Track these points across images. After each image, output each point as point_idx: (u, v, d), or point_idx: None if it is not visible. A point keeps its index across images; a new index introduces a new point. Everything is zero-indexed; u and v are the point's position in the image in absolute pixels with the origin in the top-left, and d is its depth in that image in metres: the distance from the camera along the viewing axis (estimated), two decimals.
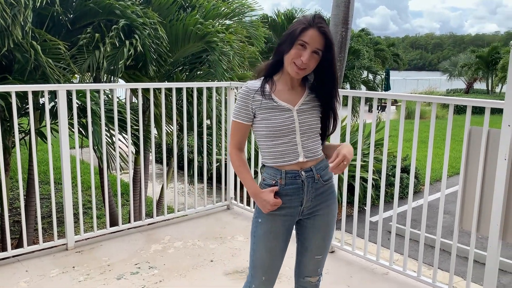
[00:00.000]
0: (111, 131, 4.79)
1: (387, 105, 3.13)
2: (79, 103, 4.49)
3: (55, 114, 4.27)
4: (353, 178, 6.28)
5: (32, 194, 4.97)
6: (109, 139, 4.79)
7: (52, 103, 4.39)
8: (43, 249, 3.36)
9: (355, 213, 3.37)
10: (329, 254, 3.44)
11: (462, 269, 5.00)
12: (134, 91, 5.06)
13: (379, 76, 17.47)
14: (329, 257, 3.39)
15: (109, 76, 4.91)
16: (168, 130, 5.68)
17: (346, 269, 3.22)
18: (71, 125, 3.56)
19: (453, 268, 2.82)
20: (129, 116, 3.62)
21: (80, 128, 4.59)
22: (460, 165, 2.67)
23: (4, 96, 3.95)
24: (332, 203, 1.94)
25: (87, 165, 8.56)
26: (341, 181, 3.82)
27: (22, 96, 4.07)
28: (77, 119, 3.40)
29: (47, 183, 8.54)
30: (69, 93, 3.75)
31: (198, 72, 5.60)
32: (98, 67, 4.43)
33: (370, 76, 16.81)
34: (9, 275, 3.00)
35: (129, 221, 3.86)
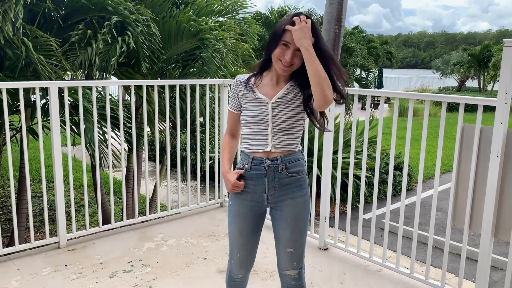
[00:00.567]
0: (103, 128, 4.76)
1: (380, 102, 3.13)
2: (71, 100, 4.45)
3: (46, 111, 4.23)
4: (346, 175, 6.32)
5: (24, 192, 4.92)
6: (101, 137, 4.76)
7: (44, 100, 4.35)
8: (35, 247, 3.33)
9: (348, 211, 3.37)
10: (323, 251, 3.45)
11: (454, 266, 5.04)
12: (127, 88, 5.04)
13: (372, 73, 17.52)
14: (323, 254, 3.40)
15: (102, 73, 4.88)
16: (161, 128, 5.66)
17: (340, 266, 3.22)
18: (63, 122, 3.53)
19: (445, 265, 2.84)
20: (121, 113, 3.60)
21: (72, 126, 4.56)
22: (452, 162, 2.68)
23: None
24: (299, 197, 1.99)
25: (79, 163, 8.51)
26: (334, 179, 3.83)
27: (13, 93, 4.03)
28: (69, 116, 3.37)
29: (38, 181, 8.47)
30: (61, 90, 3.72)
31: (191, 69, 5.57)
32: (90, 64, 4.40)
33: (363, 74, 16.85)
34: (0, 274, 2.97)
35: (122, 219, 3.84)
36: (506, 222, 2.46)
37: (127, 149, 5.35)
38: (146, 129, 3.90)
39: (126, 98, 6.53)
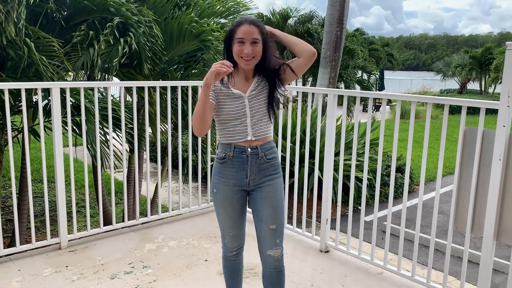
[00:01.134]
0: (105, 129, 4.76)
1: (382, 105, 3.13)
2: (72, 101, 4.46)
3: (48, 112, 4.24)
4: (347, 177, 6.30)
5: (25, 193, 4.92)
6: (102, 137, 4.76)
7: (46, 101, 4.35)
8: (36, 248, 3.33)
9: (349, 213, 3.37)
10: (324, 253, 3.45)
11: (456, 269, 5.03)
12: (129, 90, 5.03)
13: (373, 75, 17.53)
14: (324, 257, 3.40)
15: (103, 74, 4.88)
16: (162, 129, 5.66)
17: (341, 269, 3.22)
18: (65, 123, 3.53)
19: (447, 268, 2.83)
20: (123, 114, 3.60)
21: (73, 126, 4.56)
22: (453, 165, 2.68)
23: None
24: (276, 178, 2.22)
25: (80, 164, 8.51)
26: (336, 181, 3.83)
27: (15, 93, 4.04)
28: (70, 117, 3.37)
29: (39, 182, 8.48)
30: (62, 91, 3.72)
31: (193, 71, 5.57)
32: (92, 65, 4.40)
33: (365, 76, 16.86)
34: (1, 274, 2.97)
35: (123, 220, 3.84)
36: (508, 225, 2.45)
37: (128, 150, 5.36)
38: (148, 130, 3.90)
39: (127, 99, 6.53)
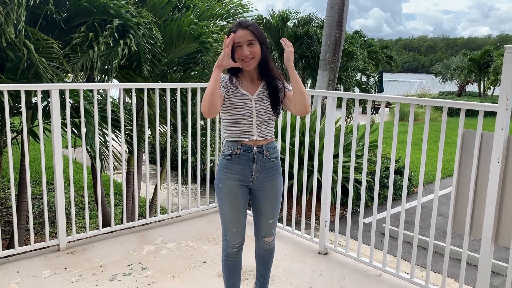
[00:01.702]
0: (104, 130, 4.76)
1: (381, 107, 3.13)
2: (72, 102, 4.46)
3: (47, 114, 4.24)
4: (346, 179, 6.32)
5: (24, 194, 4.92)
6: (101, 138, 4.76)
7: (45, 103, 4.35)
8: (35, 249, 3.33)
9: (348, 215, 3.37)
10: (323, 255, 3.45)
11: (454, 271, 5.03)
12: (128, 91, 5.04)
13: (372, 78, 17.54)
14: (323, 259, 3.40)
15: (103, 76, 4.88)
16: (161, 131, 5.66)
17: (339, 271, 3.22)
18: (64, 124, 3.53)
19: (446, 270, 2.84)
20: (122, 115, 3.60)
21: (72, 128, 4.56)
22: (452, 167, 2.69)
23: None
24: (277, 177, 2.38)
25: (79, 165, 8.51)
26: (335, 183, 3.83)
27: (14, 95, 4.03)
28: (70, 118, 3.37)
29: (38, 183, 8.47)
30: (62, 93, 3.72)
31: (192, 73, 5.58)
32: (91, 66, 4.40)
33: (364, 78, 16.88)
34: (0, 276, 2.97)
35: (121, 221, 3.84)
36: (506, 228, 2.46)
37: (127, 151, 5.36)
38: (147, 131, 3.91)
39: (126, 101, 6.53)
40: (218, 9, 5.76)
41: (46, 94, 4.03)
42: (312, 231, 3.66)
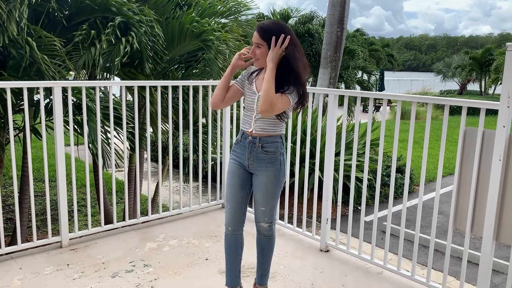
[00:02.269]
0: (106, 127, 4.77)
1: (383, 105, 3.14)
2: (74, 100, 4.46)
3: (49, 111, 4.25)
4: (347, 178, 6.32)
5: (26, 191, 4.93)
6: (103, 135, 4.77)
7: (47, 100, 4.36)
8: (37, 246, 3.34)
9: (349, 213, 3.38)
10: (324, 253, 3.46)
11: (455, 269, 5.04)
12: (130, 89, 5.04)
13: (373, 76, 17.53)
14: (324, 256, 3.41)
15: (105, 73, 4.89)
16: (163, 128, 5.67)
17: (341, 268, 3.23)
18: (66, 122, 3.54)
19: (447, 268, 2.84)
20: (124, 113, 3.61)
21: (74, 126, 4.57)
22: (453, 165, 2.70)
23: None
24: (270, 171, 2.49)
25: (81, 163, 8.53)
26: (336, 181, 3.84)
27: (17, 92, 4.04)
28: (72, 116, 3.38)
29: (40, 180, 8.49)
30: (64, 90, 3.73)
31: (194, 71, 5.58)
32: (93, 64, 4.40)
33: (365, 76, 16.87)
34: (2, 272, 2.98)
35: (123, 219, 3.85)
36: (507, 225, 2.47)
37: (129, 149, 5.36)
38: (149, 129, 3.91)
39: (128, 99, 6.54)
40: (219, 7, 5.77)
41: (48, 91, 4.04)
42: (313, 229, 3.67)
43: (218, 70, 5.07)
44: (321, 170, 3.55)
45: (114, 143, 3.84)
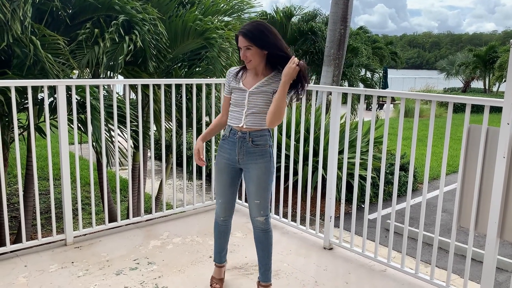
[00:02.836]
0: (109, 126, 4.79)
1: (387, 102, 3.13)
2: (78, 98, 4.48)
3: (53, 110, 4.26)
4: (351, 176, 6.32)
5: (31, 190, 4.96)
6: (107, 133, 4.78)
7: (51, 99, 4.38)
8: (42, 244, 3.36)
9: (353, 211, 3.38)
10: (328, 250, 3.46)
11: (459, 267, 5.04)
12: (133, 87, 5.06)
13: (377, 74, 17.49)
14: (327, 254, 3.41)
15: (109, 72, 4.90)
16: (167, 126, 5.68)
17: (345, 266, 3.23)
18: (70, 120, 3.55)
19: (450, 266, 2.84)
20: (128, 111, 3.62)
21: (79, 124, 4.58)
22: (457, 163, 2.69)
23: (3, 91, 3.94)
24: (261, 163, 2.55)
25: (85, 161, 8.56)
26: (339, 179, 3.84)
27: (21, 91, 4.06)
28: (76, 114, 3.39)
29: (44, 179, 8.52)
30: (68, 89, 3.74)
31: (197, 69, 5.59)
32: (97, 62, 4.42)
33: (368, 74, 16.83)
34: (8, 270, 3.00)
35: (127, 217, 3.86)
36: None
37: (132, 147, 5.38)
38: (153, 127, 3.92)
39: (132, 97, 6.56)
40: (222, 5, 5.77)
41: (52, 90, 4.05)
42: (317, 227, 3.68)
43: (221, 68, 5.08)
44: (325, 168, 3.55)
45: (118, 141, 3.84)
